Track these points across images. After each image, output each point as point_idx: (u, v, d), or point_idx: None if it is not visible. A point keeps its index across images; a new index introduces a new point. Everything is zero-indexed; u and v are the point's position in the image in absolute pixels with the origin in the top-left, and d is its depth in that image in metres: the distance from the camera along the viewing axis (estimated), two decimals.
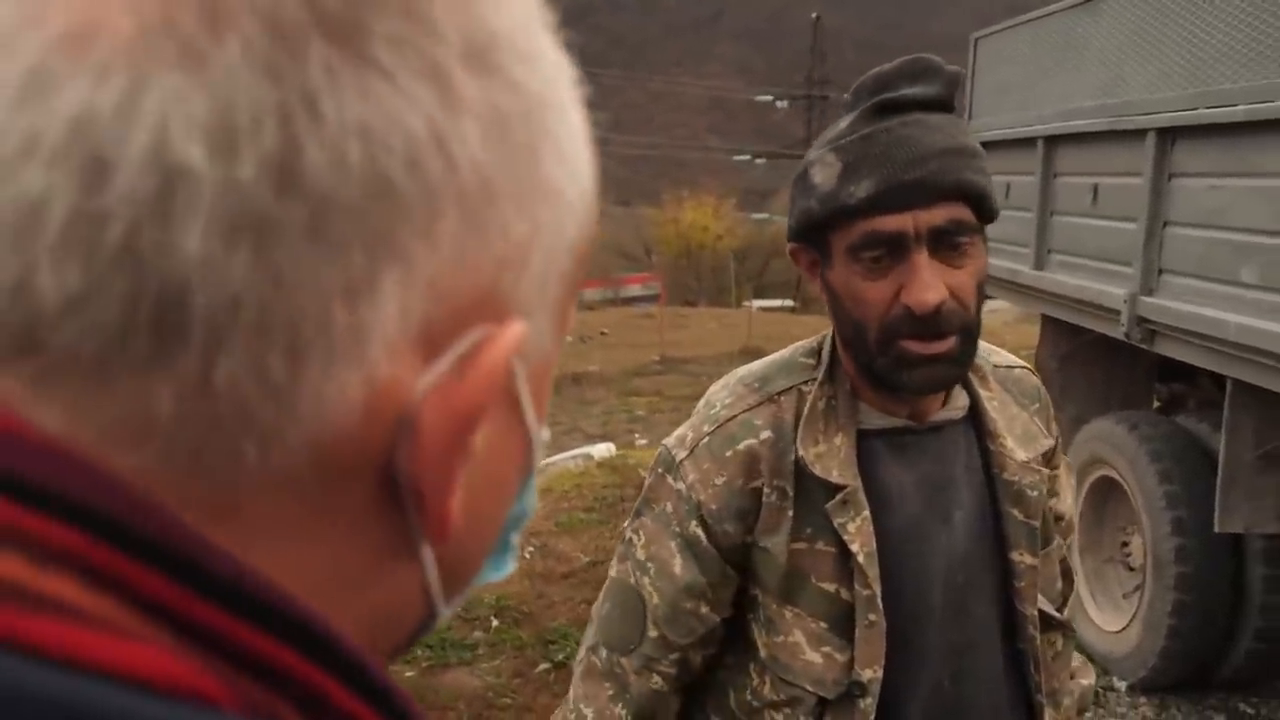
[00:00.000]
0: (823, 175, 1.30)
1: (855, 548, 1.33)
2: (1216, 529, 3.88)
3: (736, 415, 1.39)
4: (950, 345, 1.28)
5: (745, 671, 1.41)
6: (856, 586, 1.34)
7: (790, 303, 37.87)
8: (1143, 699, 4.49)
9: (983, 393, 1.44)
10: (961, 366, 1.33)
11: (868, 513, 1.34)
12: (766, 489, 1.35)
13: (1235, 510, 3.84)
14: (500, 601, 4.64)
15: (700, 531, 1.36)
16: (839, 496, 1.33)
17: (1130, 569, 4.68)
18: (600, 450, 7.86)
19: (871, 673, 1.33)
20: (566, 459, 7.24)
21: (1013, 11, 6.30)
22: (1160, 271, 4.09)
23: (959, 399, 1.43)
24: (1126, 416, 4.76)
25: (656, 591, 1.38)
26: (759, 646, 1.38)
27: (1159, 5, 4.17)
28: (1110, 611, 4.75)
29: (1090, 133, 4.68)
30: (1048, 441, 1.48)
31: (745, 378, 1.45)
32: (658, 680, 1.40)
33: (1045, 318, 5.60)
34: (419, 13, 0.35)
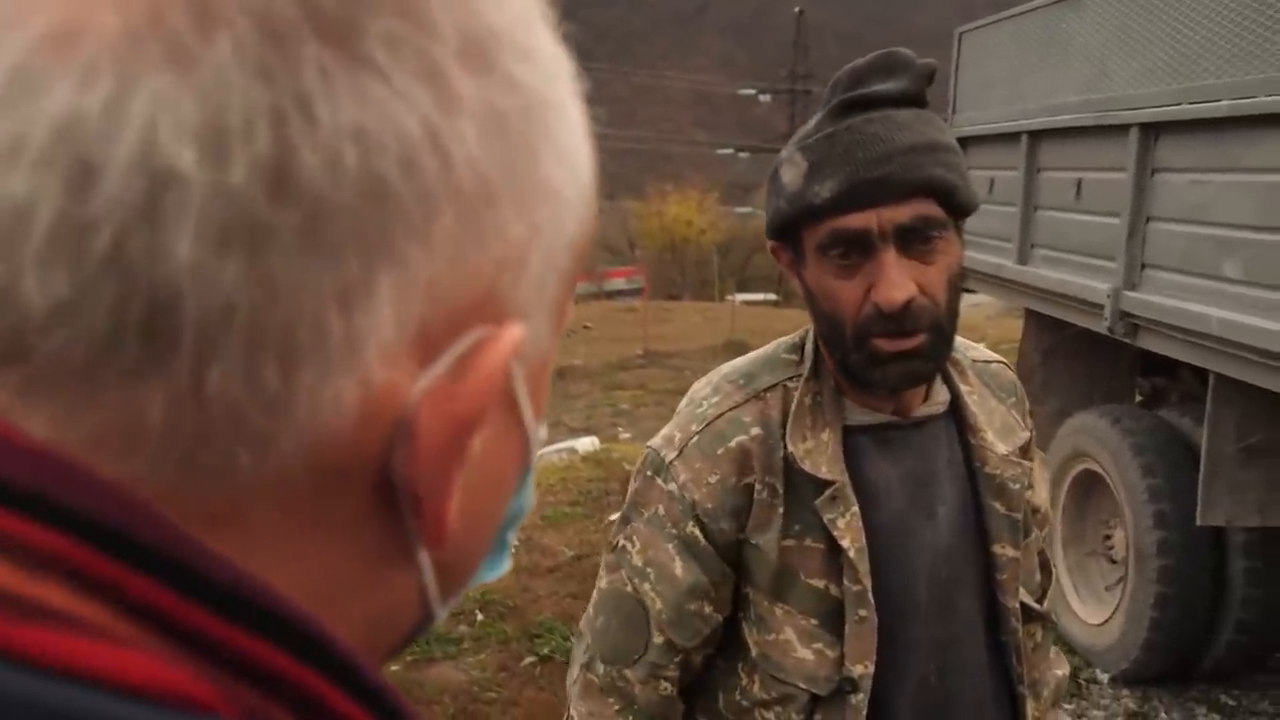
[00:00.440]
0: (790, 175, 1.30)
1: (846, 543, 1.32)
2: (1198, 522, 3.90)
3: (724, 413, 1.38)
4: (920, 341, 1.28)
5: (734, 672, 1.40)
6: (846, 582, 1.34)
7: (773, 296, 37.89)
8: (1125, 691, 4.51)
9: (963, 387, 1.44)
10: (933, 362, 1.33)
11: (857, 508, 1.34)
12: (758, 486, 1.35)
13: (1217, 504, 3.85)
14: (485, 596, 4.63)
15: (697, 531, 1.35)
16: (828, 492, 1.33)
17: (1113, 562, 4.70)
18: (584, 444, 7.86)
19: (863, 668, 1.33)
20: (550, 453, 7.23)
21: (996, 6, 6.30)
22: (1143, 266, 4.11)
23: (940, 394, 1.43)
24: (1109, 410, 4.78)
25: (659, 596, 1.36)
26: (750, 645, 1.38)
27: (1143, 1, 4.18)
28: (1093, 604, 4.77)
29: (1074, 128, 4.69)
30: (1025, 434, 1.49)
31: (730, 375, 1.45)
32: (665, 686, 1.38)
33: (1029, 312, 5.61)
34: (416, 11, 0.34)
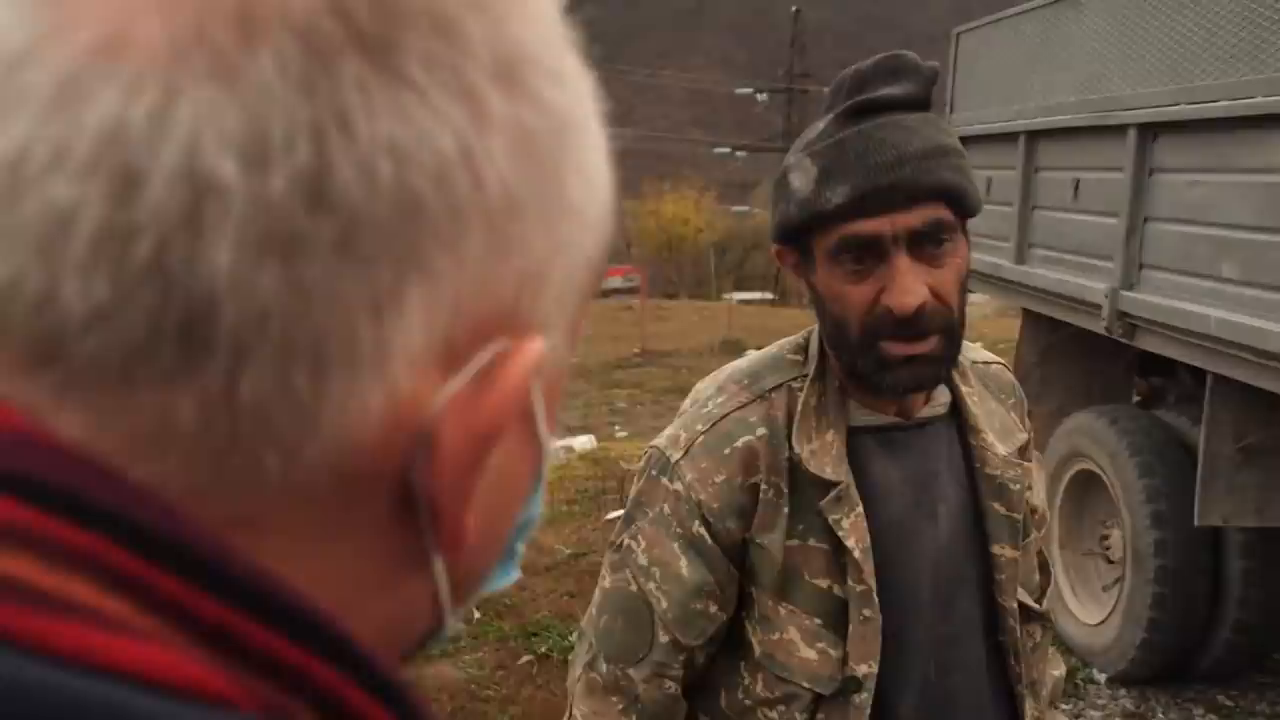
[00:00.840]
0: (800, 180, 1.30)
1: (851, 543, 1.33)
2: (1196, 522, 3.90)
3: (729, 413, 1.39)
4: (932, 345, 1.29)
5: (737, 671, 1.40)
6: (850, 582, 1.34)
7: (770, 295, 37.95)
8: (1122, 691, 4.52)
9: (963, 388, 1.45)
10: (944, 365, 1.34)
11: (861, 508, 1.34)
12: (764, 485, 1.35)
13: (1214, 504, 3.86)
14: (482, 593, 4.63)
15: (703, 530, 1.35)
16: (833, 493, 1.34)
17: (1110, 562, 4.71)
18: (581, 443, 7.87)
19: (867, 668, 1.33)
20: None
21: (993, 7, 6.30)
22: (1141, 266, 4.11)
23: (941, 395, 1.44)
24: (1107, 410, 4.79)
25: (664, 595, 1.36)
26: (753, 644, 1.38)
27: (1140, 2, 4.18)
28: (1090, 604, 4.77)
29: (1072, 128, 4.70)
30: (1024, 435, 1.50)
31: (734, 375, 1.45)
32: (670, 685, 1.38)
33: (1026, 312, 5.61)
34: (453, 30, 0.35)
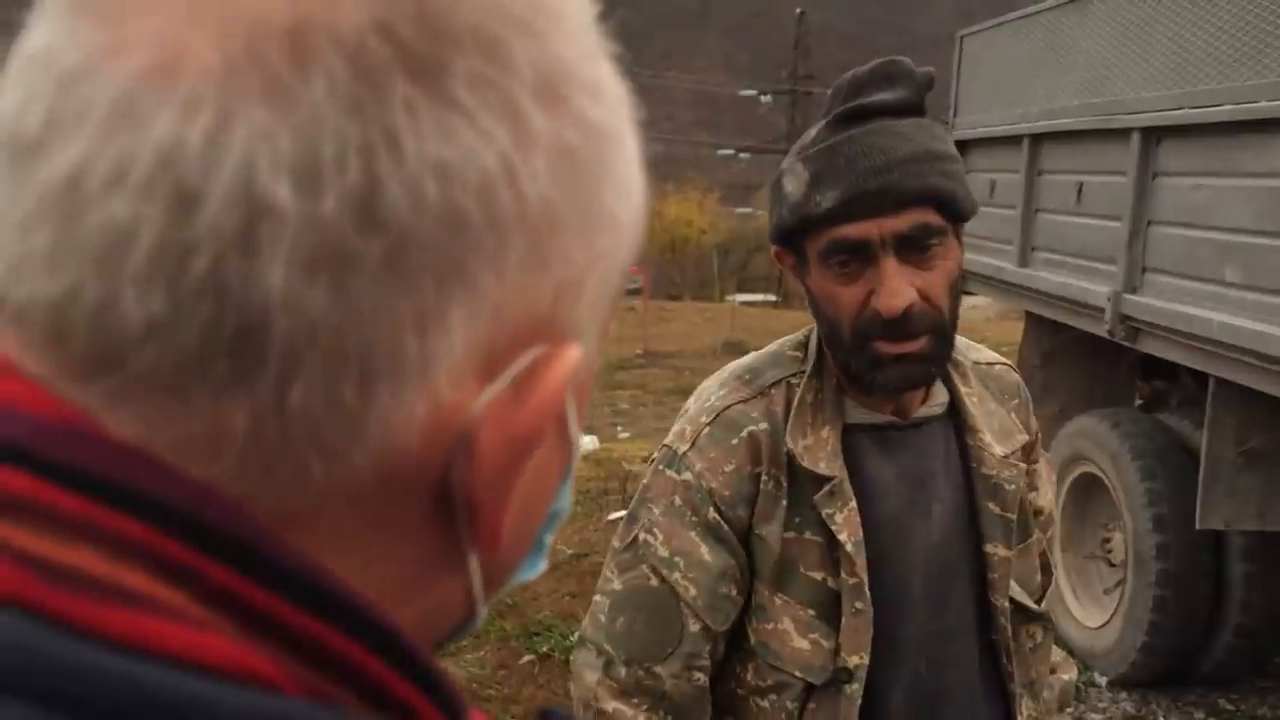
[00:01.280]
0: (793, 185, 1.34)
1: (843, 537, 1.36)
2: (1198, 526, 3.90)
3: (731, 405, 1.42)
4: (921, 345, 1.32)
5: (730, 660, 1.42)
6: (843, 575, 1.37)
7: (772, 297, 37.95)
8: (1124, 694, 4.52)
9: (962, 388, 1.47)
10: (934, 365, 1.36)
11: (854, 503, 1.37)
12: (765, 476, 1.38)
13: (1216, 507, 3.86)
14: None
15: (718, 517, 1.38)
16: (826, 488, 1.37)
17: (1112, 565, 4.71)
18: (584, 443, 7.86)
19: (857, 659, 1.36)
20: None
21: (996, 9, 6.30)
22: (1144, 269, 4.11)
23: (939, 395, 1.46)
24: (1109, 413, 4.79)
25: (692, 583, 1.37)
26: (748, 634, 1.40)
27: (1145, 6, 4.19)
28: (1092, 607, 4.78)
29: (1075, 131, 4.70)
30: (1023, 437, 1.52)
31: (736, 371, 1.49)
32: (699, 676, 1.38)
33: (1029, 314, 5.62)
34: (498, 50, 0.36)
